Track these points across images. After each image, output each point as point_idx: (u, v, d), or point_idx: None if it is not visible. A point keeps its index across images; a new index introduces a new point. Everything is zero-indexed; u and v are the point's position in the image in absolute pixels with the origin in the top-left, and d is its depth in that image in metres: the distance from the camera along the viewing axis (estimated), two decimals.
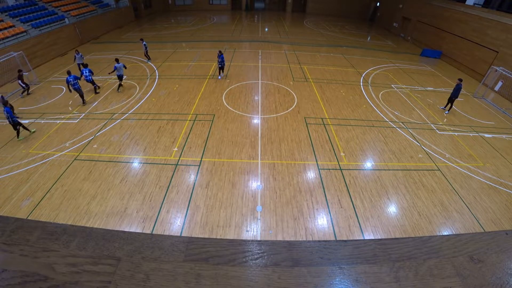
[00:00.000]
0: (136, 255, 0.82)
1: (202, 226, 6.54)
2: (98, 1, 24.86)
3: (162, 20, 30.42)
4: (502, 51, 15.82)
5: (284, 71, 16.17)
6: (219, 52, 14.09)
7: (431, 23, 22.44)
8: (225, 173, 8.16)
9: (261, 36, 24.54)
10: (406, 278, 0.80)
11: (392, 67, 18.25)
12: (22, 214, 6.69)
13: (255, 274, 0.78)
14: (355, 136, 10.22)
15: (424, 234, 6.64)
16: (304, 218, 6.83)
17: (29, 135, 9.68)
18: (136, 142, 9.41)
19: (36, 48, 16.36)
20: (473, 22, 18.13)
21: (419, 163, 9.04)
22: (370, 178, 8.26)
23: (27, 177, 7.83)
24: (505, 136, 11.06)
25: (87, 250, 0.83)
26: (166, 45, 20.56)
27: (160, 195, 7.34)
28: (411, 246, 0.90)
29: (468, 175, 8.65)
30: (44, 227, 0.90)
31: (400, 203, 7.46)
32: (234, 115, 11.22)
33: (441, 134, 10.80)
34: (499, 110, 13.32)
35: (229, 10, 37.41)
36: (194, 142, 9.46)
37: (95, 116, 10.92)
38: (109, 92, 12.89)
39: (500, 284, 0.78)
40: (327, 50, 21.18)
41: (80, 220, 6.59)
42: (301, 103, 12.48)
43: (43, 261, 0.79)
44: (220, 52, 14.07)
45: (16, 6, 18.25)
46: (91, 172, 8.06)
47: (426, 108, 12.84)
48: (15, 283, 0.73)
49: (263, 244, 0.88)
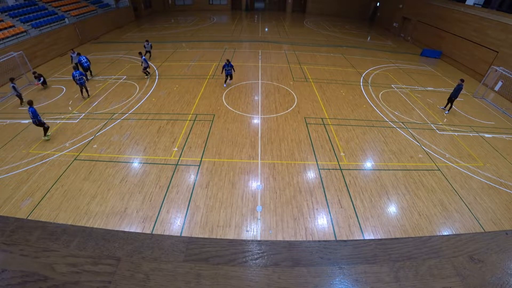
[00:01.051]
0: (136, 255, 0.82)
1: (202, 226, 6.54)
2: (98, 1, 24.87)
3: (162, 20, 30.42)
4: (502, 51, 15.82)
5: (284, 71, 16.17)
6: (227, 61, 12.96)
7: (431, 23, 22.44)
8: (225, 173, 8.16)
9: (261, 36, 24.55)
10: (406, 278, 0.80)
11: (392, 67, 18.26)
12: (22, 214, 6.69)
13: (255, 274, 0.78)
14: (355, 136, 10.22)
15: (424, 234, 6.64)
16: (304, 218, 6.83)
17: (44, 139, 9.36)
18: (136, 142, 9.41)
19: (36, 48, 16.36)
20: (473, 22, 18.13)
21: (419, 163, 9.04)
22: (370, 178, 8.26)
23: (27, 177, 7.83)
24: (505, 136, 11.06)
25: (87, 250, 0.83)
26: (166, 45, 20.56)
27: (160, 195, 7.34)
28: (411, 246, 0.90)
29: (468, 175, 8.65)
30: (44, 227, 0.90)
31: (400, 203, 7.46)
32: (234, 115, 11.22)
33: (441, 134, 10.80)
34: (499, 110, 13.32)
35: (229, 10, 37.41)
36: (194, 142, 9.46)
37: (95, 116, 10.92)
38: (109, 92, 12.89)
39: (500, 284, 0.78)
40: (327, 50, 21.18)
41: (80, 220, 6.59)
42: (301, 103, 12.48)
43: (43, 261, 0.79)
44: (228, 61, 12.97)
45: (16, 6, 18.25)
46: (91, 172, 8.06)
47: (426, 108, 12.84)
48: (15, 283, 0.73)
49: (263, 244, 0.88)
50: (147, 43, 16.87)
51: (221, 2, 37.20)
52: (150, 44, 17.01)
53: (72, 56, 14.57)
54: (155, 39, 22.29)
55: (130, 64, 16.18)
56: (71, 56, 14.62)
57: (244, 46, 21.03)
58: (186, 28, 26.60)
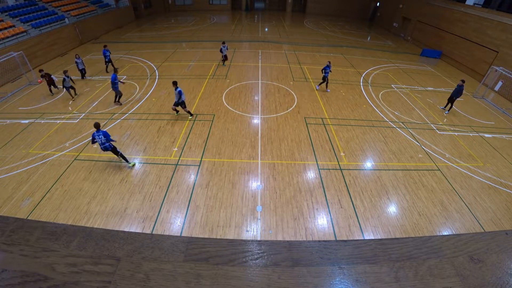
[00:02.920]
0: (136, 255, 0.82)
1: (202, 226, 6.54)
2: (98, 1, 24.86)
3: (162, 20, 30.41)
4: (502, 51, 15.82)
5: (284, 71, 16.16)
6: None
7: (431, 23, 22.43)
8: (225, 173, 8.16)
9: (261, 36, 24.54)
10: (406, 278, 0.80)
11: (392, 67, 18.25)
12: (22, 214, 6.69)
13: (255, 274, 0.78)
14: (355, 136, 10.22)
15: (424, 234, 6.64)
16: (304, 218, 6.83)
17: (130, 166, 8.33)
18: (136, 142, 9.40)
19: (36, 48, 16.36)
20: (473, 22, 18.13)
21: (419, 163, 9.04)
22: (370, 178, 8.26)
23: (27, 177, 7.83)
24: (505, 136, 11.06)
25: (87, 250, 0.83)
26: (166, 45, 20.56)
27: (160, 195, 7.34)
28: (411, 246, 0.90)
29: (468, 175, 8.65)
30: (44, 227, 0.90)
31: (400, 203, 7.46)
32: (234, 115, 11.22)
33: (441, 134, 10.80)
34: (499, 110, 13.32)
35: (229, 10, 37.40)
36: (194, 142, 9.46)
37: (95, 116, 10.91)
38: (109, 92, 12.88)
39: (500, 284, 0.78)
40: (327, 50, 21.18)
41: (80, 220, 6.58)
42: (301, 103, 12.48)
43: (43, 261, 0.79)
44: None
45: (16, 6, 18.24)
46: (91, 172, 8.06)
47: (426, 108, 12.84)
48: (15, 283, 0.73)
49: (263, 244, 0.88)
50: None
51: (221, 2, 37.19)
52: (226, 46, 15.80)
53: (77, 61, 13.72)
54: (155, 39, 22.31)
55: (130, 64, 16.17)
56: (76, 61, 13.73)
57: (244, 46, 21.03)
58: (186, 28, 26.60)
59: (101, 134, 7.56)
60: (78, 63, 13.80)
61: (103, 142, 7.64)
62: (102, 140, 7.61)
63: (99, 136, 7.55)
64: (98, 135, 7.54)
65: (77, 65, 13.87)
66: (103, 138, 7.60)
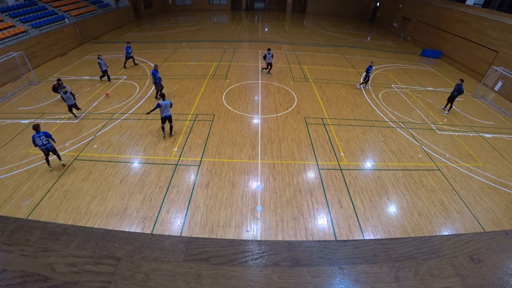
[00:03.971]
0: (136, 255, 0.82)
1: (202, 226, 6.54)
2: (98, 1, 24.85)
3: (162, 20, 30.41)
4: (502, 51, 15.82)
5: (284, 71, 16.16)
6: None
7: (431, 23, 22.43)
8: (225, 173, 8.16)
9: (261, 36, 24.54)
10: (406, 278, 0.80)
11: (392, 67, 18.25)
12: (22, 214, 6.69)
13: (255, 274, 0.78)
14: (355, 136, 10.22)
15: (424, 234, 6.64)
16: (304, 218, 6.83)
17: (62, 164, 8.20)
18: (136, 142, 9.40)
19: (36, 48, 16.35)
20: (473, 22, 18.13)
21: (419, 163, 9.04)
22: (370, 178, 8.26)
23: (27, 177, 7.83)
24: (505, 136, 11.06)
25: (87, 250, 0.83)
26: (166, 45, 20.56)
27: (160, 195, 7.34)
28: (411, 246, 0.90)
29: (468, 175, 8.65)
30: (44, 227, 0.90)
31: (400, 203, 7.46)
32: (234, 115, 11.22)
33: (441, 134, 10.80)
34: (499, 110, 13.33)
35: (229, 10, 37.40)
36: (194, 142, 9.46)
37: (95, 116, 10.91)
38: (109, 92, 12.88)
39: (500, 284, 0.78)
40: (327, 50, 21.18)
41: (80, 220, 6.58)
42: (301, 103, 12.48)
43: (43, 261, 0.79)
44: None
45: (16, 6, 18.24)
46: (91, 172, 8.06)
47: (426, 108, 12.84)
48: (15, 283, 0.73)
49: (263, 244, 0.88)
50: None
51: (221, 2, 37.19)
52: (271, 54, 14.83)
53: (100, 63, 13.07)
54: (155, 39, 22.31)
55: (130, 64, 16.16)
56: (99, 62, 13.06)
57: (244, 46, 21.03)
58: (186, 28, 26.59)
59: (42, 135, 7.35)
60: (101, 64, 13.13)
61: (45, 143, 7.41)
62: (43, 141, 7.38)
63: (40, 137, 7.32)
64: (38, 136, 7.30)
65: (100, 66, 13.19)
66: (45, 138, 7.37)
